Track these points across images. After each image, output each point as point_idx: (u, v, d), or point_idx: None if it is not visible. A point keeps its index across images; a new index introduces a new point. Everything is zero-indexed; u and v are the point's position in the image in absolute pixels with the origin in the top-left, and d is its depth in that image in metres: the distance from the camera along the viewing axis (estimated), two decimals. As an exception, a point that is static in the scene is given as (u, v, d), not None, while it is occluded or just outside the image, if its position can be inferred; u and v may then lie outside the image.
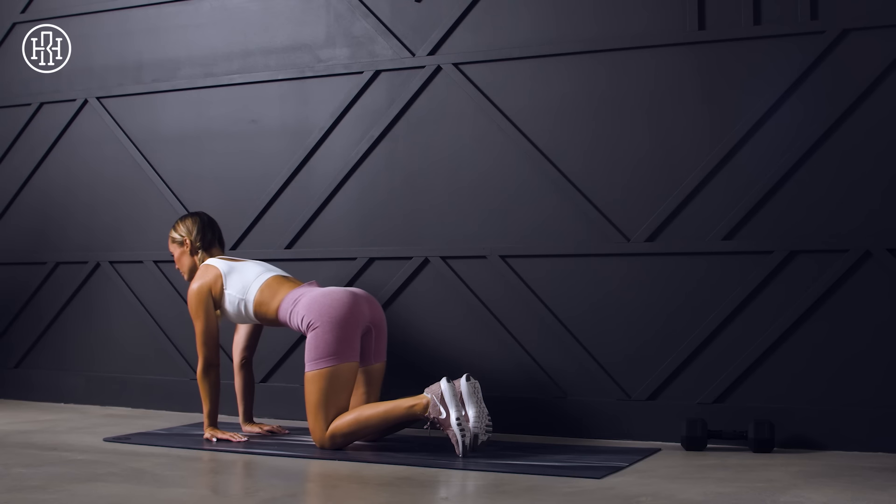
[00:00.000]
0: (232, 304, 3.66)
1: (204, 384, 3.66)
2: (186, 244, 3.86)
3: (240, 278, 3.67)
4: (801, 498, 2.63)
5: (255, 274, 3.68)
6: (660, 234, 3.65)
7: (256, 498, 2.68)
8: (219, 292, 3.67)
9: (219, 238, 3.93)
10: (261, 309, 3.63)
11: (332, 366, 3.39)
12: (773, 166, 3.51)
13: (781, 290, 3.49)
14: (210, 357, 3.66)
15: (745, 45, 3.56)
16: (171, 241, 3.91)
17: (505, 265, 3.87)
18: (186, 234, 3.86)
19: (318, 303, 3.46)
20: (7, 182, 4.91)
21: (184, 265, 3.88)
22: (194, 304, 3.68)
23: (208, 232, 3.89)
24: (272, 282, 3.65)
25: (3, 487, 2.79)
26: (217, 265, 3.72)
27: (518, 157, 3.87)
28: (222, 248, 3.95)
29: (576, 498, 2.65)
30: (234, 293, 3.65)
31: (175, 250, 3.90)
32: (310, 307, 3.46)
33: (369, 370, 3.60)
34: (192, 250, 3.86)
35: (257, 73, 4.35)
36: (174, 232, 3.90)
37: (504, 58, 3.89)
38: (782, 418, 3.44)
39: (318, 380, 3.40)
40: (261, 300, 3.62)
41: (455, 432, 3.24)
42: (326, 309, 3.43)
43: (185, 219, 3.91)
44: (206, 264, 3.76)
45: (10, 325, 4.89)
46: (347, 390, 3.43)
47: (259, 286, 3.63)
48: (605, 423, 3.69)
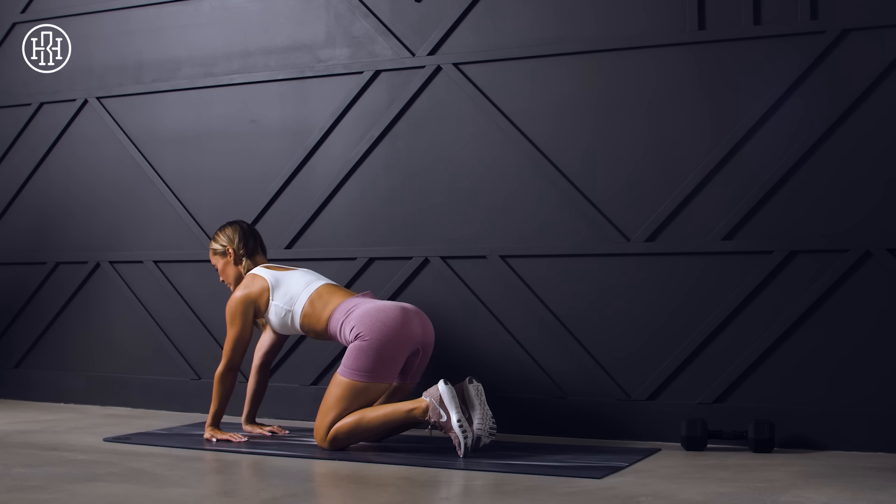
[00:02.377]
0: (278, 315, 3.59)
1: (220, 385, 3.63)
2: (230, 253, 3.76)
3: (287, 289, 3.59)
4: (801, 498, 2.63)
5: (303, 284, 3.60)
6: (660, 234, 3.66)
7: (256, 498, 2.68)
8: (265, 304, 3.60)
9: (261, 244, 3.84)
10: (308, 321, 3.55)
11: (364, 382, 3.36)
12: (772, 166, 3.51)
13: (781, 290, 3.49)
14: (234, 361, 3.62)
15: (745, 45, 3.56)
16: (213, 253, 3.80)
17: (505, 265, 3.87)
18: (228, 242, 3.76)
19: (370, 316, 3.38)
20: (7, 182, 4.91)
21: (229, 276, 3.77)
22: (234, 311, 3.60)
23: (250, 239, 3.79)
24: (322, 291, 3.57)
25: (3, 487, 2.79)
26: (264, 276, 3.63)
27: (518, 157, 3.87)
28: (265, 255, 3.86)
29: (576, 498, 2.65)
30: (282, 304, 3.57)
31: (218, 262, 3.79)
32: (362, 319, 3.39)
33: (399, 388, 3.55)
34: (237, 259, 3.75)
35: (257, 73, 4.35)
36: (214, 243, 3.79)
37: (504, 58, 3.89)
38: (782, 418, 3.44)
39: (344, 387, 3.37)
40: (310, 311, 3.54)
41: (457, 434, 3.23)
42: (378, 326, 3.36)
43: (225, 228, 3.81)
44: (252, 273, 3.67)
45: (10, 325, 4.89)
46: (366, 404, 3.40)
47: (308, 297, 3.56)
48: (605, 423, 3.69)
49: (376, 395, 3.41)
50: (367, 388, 3.37)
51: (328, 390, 3.42)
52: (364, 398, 3.38)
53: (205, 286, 4.36)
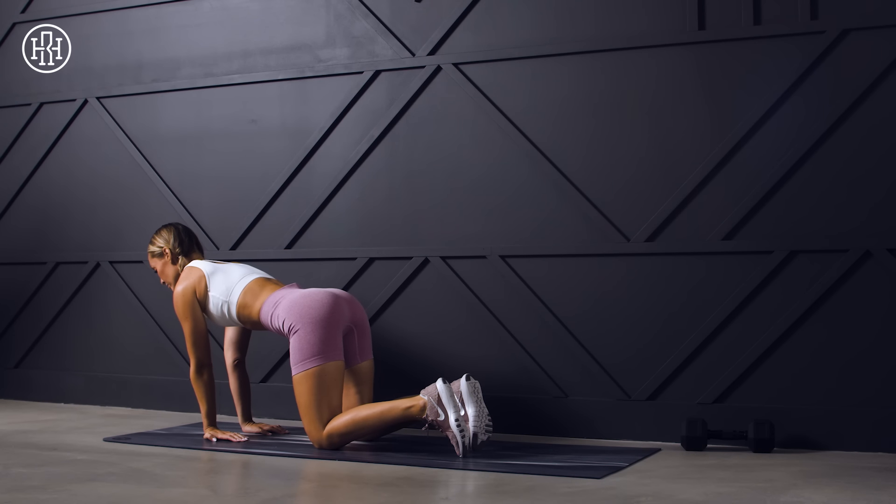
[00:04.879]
0: (216, 306, 3.65)
1: (198, 385, 3.65)
2: (167, 254, 3.83)
3: (223, 280, 3.66)
4: (801, 498, 2.63)
5: (238, 276, 3.67)
6: (660, 234, 3.65)
7: (256, 498, 2.68)
8: (203, 293, 3.66)
9: (197, 244, 3.91)
10: (243, 312, 3.62)
11: (317, 365, 3.39)
12: (773, 166, 3.51)
13: (781, 290, 3.49)
14: (201, 358, 3.65)
15: (745, 45, 3.56)
16: (151, 257, 3.87)
17: (505, 265, 3.87)
18: (164, 243, 3.84)
19: (297, 304, 3.45)
20: (7, 182, 4.91)
21: (168, 276, 3.85)
22: (180, 306, 3.66)
23: (185, 237, 3.86)
24: (254, 284, 3.64)
25: (3, 487, 2.79)
26: (200, 266, 3.72)
27: (518, 157, 3.87)
28: (202, 253, 3.92)
29: (576, 498, 2.65)
30: (218, 295, 3.64)
31: (157, 264, 3.87)
32: (290, 310, 3.45)
33: (357, 369, 3.59)
34: (173, 259, 3.83)
35: (257, 73, 4.35)
36: (152, 246, 3.86)
37: (504, 58, 3.89)
38: (782, 418, 3.44)
39: (305, 381, 3.40)
40: (243, 303, 3.61)
41: (455, 433, 3.23)
42: (307, 311, 3.42)
43: (160, 230, 3.89)
44: (189, 266, 3.75)
45: (10, 325, 4.89)
46: (337, 389, 3.42)
47: (242, 288, 3.62)
48: (605, 423, 3.69)
49: (336, 373, 3.42)
50: (323, 370, 3.39)
51: (296, 395, 3.43)
52: (328, 381, 3.39)
53: (205, 286, 4.35)
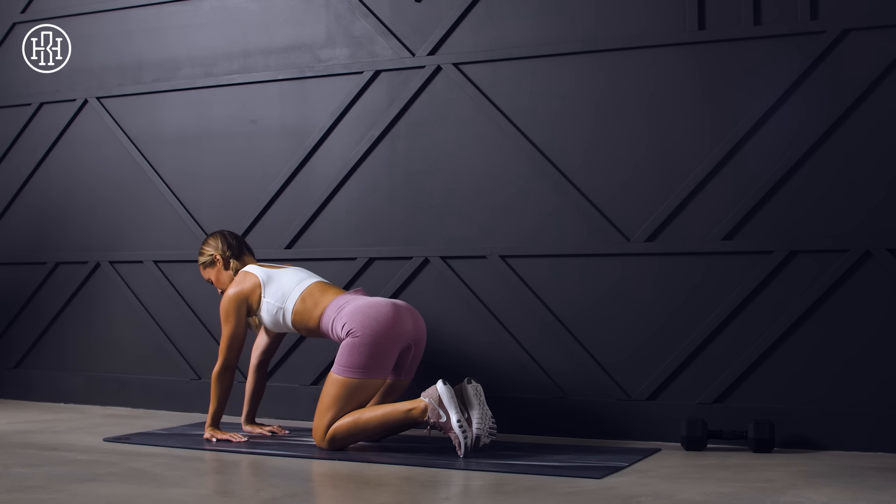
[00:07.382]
0: (269, 312, 3.60)
1: (217, 384, 3.63)
2: (218, 260, 3.77)
3: (279, 286, 3.60)
4: (801, 498, 2.63)
5: (294, 281, 3.61)
6: (660, 234, 3.65)
7: (256, 498, 2.68)
8: (256, 302, 3.61)
9: (246, 246, 3.86)
10: (300, 318, 3.56)
11: (358, 378, 3.36)
12: (772, 166, 3.51)
13: (781, 290, 3.49)
14: (230, 360, 3.62)
15: (745, 45, 3.56)
16: (203, 268, 3.81)
17: (505, 265, 3.87)
18: (214, 250, 3.78)
19: (362, 312, 3.39)
20: (7, 182, 4.91)
21: (224, 283, 3.77)
22: (228, 308, 3.61)
23: (233, 241, 3.80)
24: (314, 289, 3.58)
25: (3, 487, 2.79)
26: (256, 273, 3.65)
27: (518, 157, 3.87)
28: (253, 256, 3.87)
29: (576, 498, 2.65)
30: (273, 301, 3.58)
31: (210, 274, 3.80)
32: (353, 315, 3.39)
33: (394, 385, 3.55)
34: (225, 264, 3.77)
35: (257, 73, 4.35)
36: (201, 257, 3.80)
37: (504, 58, 3.89)
38: (782, 418, 3.44)
39: (339, 385, 3.38)
40: (301, 309, 3.55)
41: (457, 434, 3.23)
42: (370, 321, 3.36)
43: (206, 240, 3.83)
44: (244, 271, 3.69)
45: (10, 325, 4.89)
46: (363, 401, 3.41)
47: (299, 294, 3.57)
48: (605, 423, 3.69)
49: (372, 391, 3.41)
50: (361, 384, 3.37)
51: (324, 390, 3.42)
52: (360, 395, 3.38)
53: (205, 286, 4.35)
